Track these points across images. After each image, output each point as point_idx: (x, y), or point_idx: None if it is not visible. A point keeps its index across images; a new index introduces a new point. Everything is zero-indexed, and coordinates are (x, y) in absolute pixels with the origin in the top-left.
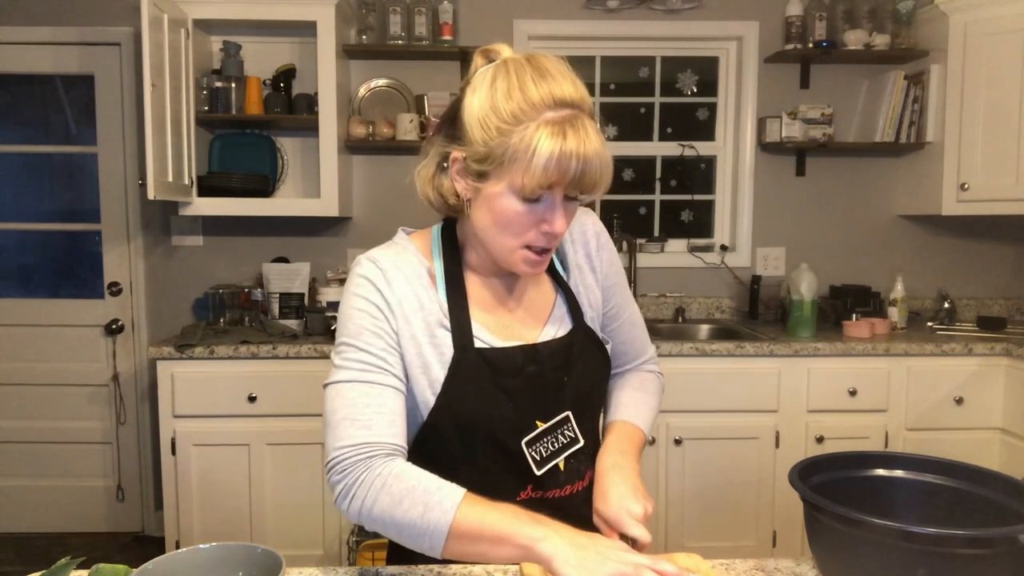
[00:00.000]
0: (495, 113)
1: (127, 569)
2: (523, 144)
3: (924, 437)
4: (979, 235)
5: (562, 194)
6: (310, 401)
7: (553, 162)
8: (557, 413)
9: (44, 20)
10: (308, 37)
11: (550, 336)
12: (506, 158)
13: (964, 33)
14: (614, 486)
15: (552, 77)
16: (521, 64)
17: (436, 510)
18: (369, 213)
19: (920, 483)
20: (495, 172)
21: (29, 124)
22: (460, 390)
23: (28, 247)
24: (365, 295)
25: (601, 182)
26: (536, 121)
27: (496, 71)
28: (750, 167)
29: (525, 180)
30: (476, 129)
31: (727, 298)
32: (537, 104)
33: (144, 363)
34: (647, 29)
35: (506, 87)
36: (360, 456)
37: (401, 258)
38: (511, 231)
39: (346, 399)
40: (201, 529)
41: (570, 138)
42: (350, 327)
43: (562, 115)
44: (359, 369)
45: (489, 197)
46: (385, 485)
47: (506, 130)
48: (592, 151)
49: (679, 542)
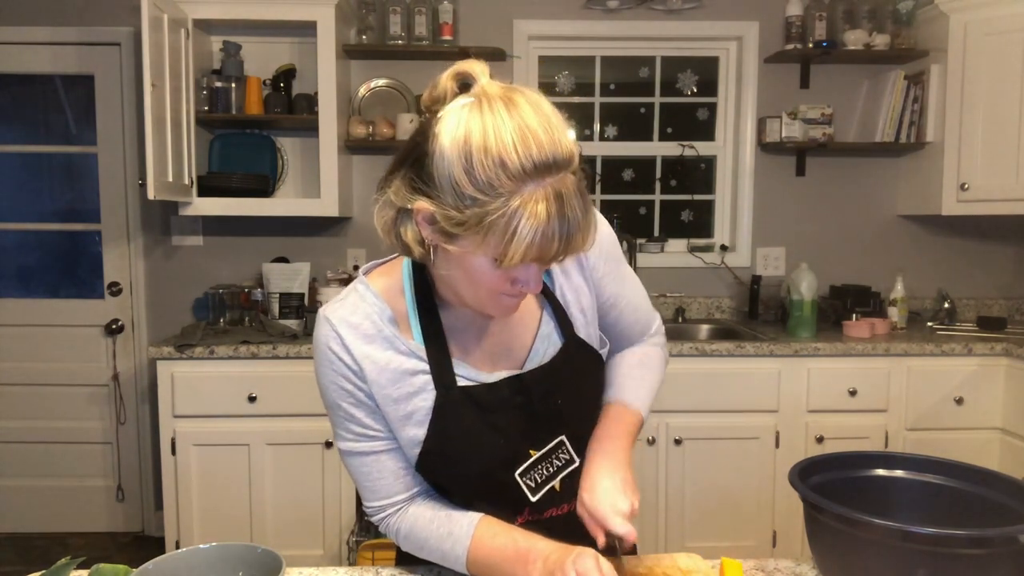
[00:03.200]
0: (470, 180)
1: (127, 569)
2: (502, 220)
3: (924, 437)
4: (979, 235)
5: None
6: (310, 401)
7: (535, 247)
8: (551, 439)
9: (44, 20)
10: (308, 37)
11: (537, 359)
12: (482, 228)
13: (964, 33)
14: (602, 479)
15: (534, 136)
16: (500, 114)
17: (451, 557)
18: (369, 213)
19: (920, 483)
20: (469, 237)
21: (29, 124)
22: (446, 432)
23: (28, 247)
24: (331, 366)
25: (583, 248)
26: (518, 194)
27: (470, 120)
28: (750, 167)
29: (502, 254)
30: (448, 190)
31: (727, 298)
32: (516, 175)
33: (144, 363)
34: (647, 29)
35: (482, 145)
36: (380, 516)
37: (359, 311)
38: (482, 286)
39: (351, 467)
40: (201, 529)
41: (553, 218)
42: (328, 400)
43: (544, 186)
44: (352, 440)
45: (459, 255)
46: (405, 538)
47: (482, 201)
48: (576, 225)
49: (679, 542)
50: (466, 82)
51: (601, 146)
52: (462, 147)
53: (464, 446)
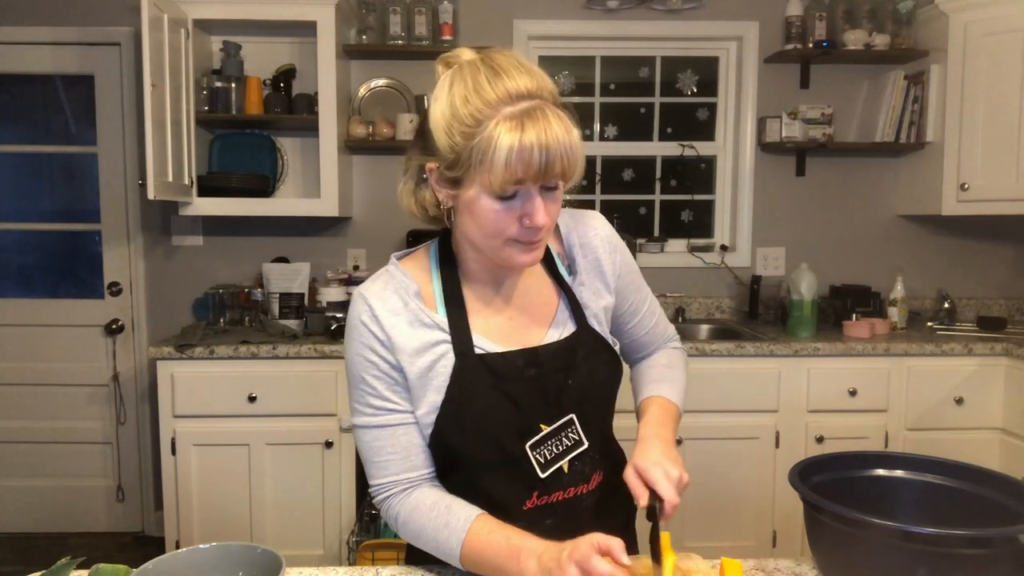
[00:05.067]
0: (456, 118)
1: (127, 569)
2: (484, 143)
3: (924, 437)
4: (979, 235)
5: (536, 186)
6: (310, 401)
7: (514, 156)
8: (561, 416)
9: (44, 20)
10: (308, 37)
11: (553, 339)
12: (473, 161)
13: (964, 33)
14: (654, 447)
15: (506, 72)
16: (475, 66)
17: (445, 548)
18: (369, 213)
19: (920, 483)
20: (466, 177)
21: (29, 124)
22: (464, 396)
23: (28, 247)
24: (360, 338)
25: (571, 168)
26: (495, 119)
27: (453, 76)
28: (750, 167)
29: (492, 179)
30: (442, 137)
31: (727, 298)
32: (493, 102)
33: (144, 363)
34: (647, 29)
35: (463, 91)
36: (383, 495)
37: (389, 287)
38: (493, 231)
39: (364, 443)
40: (201, 529)
41: (528, 129)
42: (352, 373)
43: (520, 108)
44: (370, 414)
45: (467, 202)
46: (404, 524)
47: (468, 133)
48: (554, 138)
49: (679, 542)
50: (452, 64)
51: (601, 146)
52: (448, 96)
53: (479, 411)
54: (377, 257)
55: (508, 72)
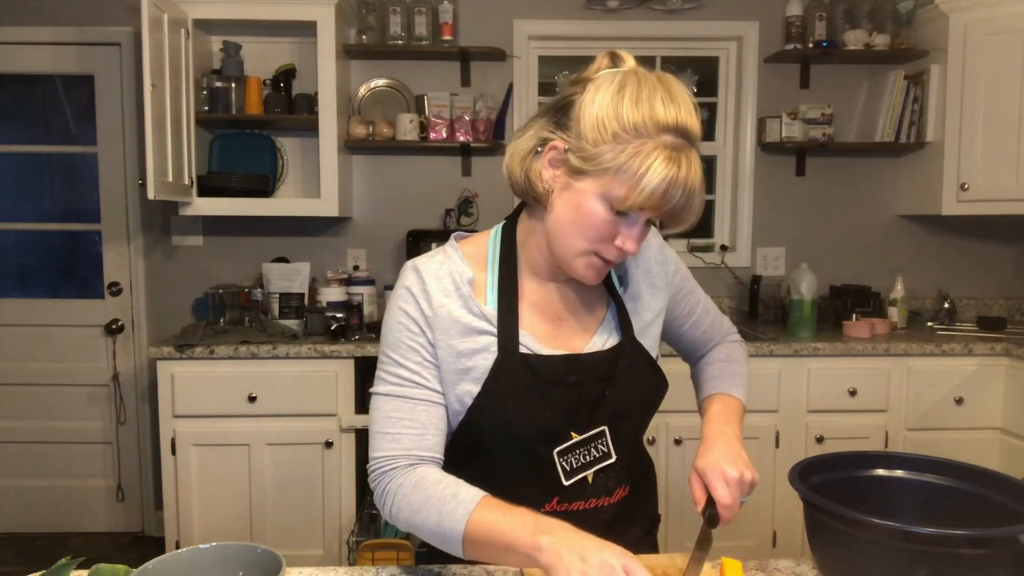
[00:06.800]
0: (616, 118)
1: (127, 569)
2: (635, 158)
3: (924, 437)
4: (979, 235)
5: (648, 216)
6: (310, 401)
7: (662, 188)
8: (593, 426)
9: (44, 20)
10: (308, 37)
11: (597, 348)
12: (613, 166)
13: (964, 33)
14: (717, 446)
15: (682, 104)
16: (653, 81)
17: (449, 519)
18: (369, 213)
19: (920, 483)
20: (594, 174)
21: (29, 124)
22: (500, 392)
23: (28, 247)
24: (404, 307)
25: (692, 217)
26: (655, 140)
27: (627, 77)
28: (750, 167)
29: (626, 193)
30: (590, 127)
31: (727, 298)
32: (660, 124)
33: (144, 363)
34: (647, 29)
35: (635, 96)
36: (386, 468)
37: (444, 268)
38: (586, 235)
39: (382, 412)
40: (201, 529)
41: (683, 168)
42: (390, 339)
43: (679, 143)
44: (395, 383)
45: (577, 194)
46: (405, 495)
47: (623, 138)
48: (698, 187)
49: (679, 542)
50: (617, 63)
51: None
52: (617, 91)
53: (513, 408)
54: (377, 257)
55: (682, 104)
